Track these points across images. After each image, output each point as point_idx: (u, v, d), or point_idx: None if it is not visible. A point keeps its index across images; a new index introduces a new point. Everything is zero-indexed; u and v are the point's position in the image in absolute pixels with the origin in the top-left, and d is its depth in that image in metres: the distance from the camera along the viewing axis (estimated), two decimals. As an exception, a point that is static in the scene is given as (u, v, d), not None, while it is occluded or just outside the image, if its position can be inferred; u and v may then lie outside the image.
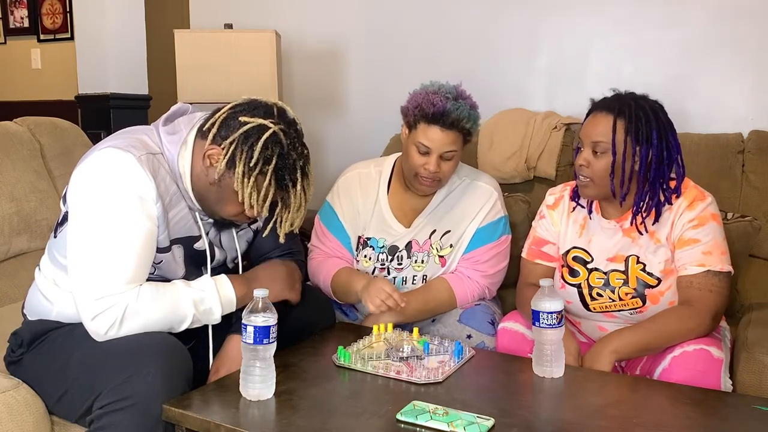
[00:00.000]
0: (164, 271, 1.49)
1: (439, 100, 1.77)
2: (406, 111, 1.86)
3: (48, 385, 1.42)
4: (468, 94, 1.85)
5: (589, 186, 1.66)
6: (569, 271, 1.76)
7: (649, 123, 1.60)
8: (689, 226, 1.62)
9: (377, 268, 1.97)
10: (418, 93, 1.84)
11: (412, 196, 1.97)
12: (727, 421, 1.31)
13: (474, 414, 1.22)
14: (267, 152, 1.37)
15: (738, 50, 2.50)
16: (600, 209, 1.75)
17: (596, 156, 1.62)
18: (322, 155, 3.25)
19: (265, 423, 1.25)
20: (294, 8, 3.33)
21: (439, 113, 1.76)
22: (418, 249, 1.95)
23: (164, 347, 1.33)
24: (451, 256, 1.95)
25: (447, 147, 1.80)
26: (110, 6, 3.20)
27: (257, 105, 1.44)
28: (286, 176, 1.40)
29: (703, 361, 1.50)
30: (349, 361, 1.47)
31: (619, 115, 1.60)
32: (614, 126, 1.60)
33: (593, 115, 1.66)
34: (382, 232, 1.98)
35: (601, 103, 1.67)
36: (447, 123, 1.77)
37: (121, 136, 1.45)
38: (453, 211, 1.95)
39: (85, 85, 3.27)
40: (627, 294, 1.67)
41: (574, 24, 2.76)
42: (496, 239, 1.94)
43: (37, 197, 2.19)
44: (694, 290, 1.59)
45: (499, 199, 1.98)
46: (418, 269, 1.95)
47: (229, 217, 1.48)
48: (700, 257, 1.60)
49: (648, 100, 1.65)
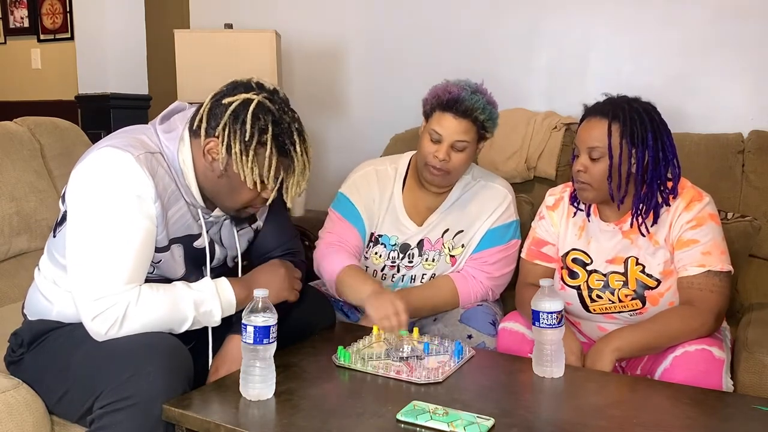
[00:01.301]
0: (164, 270, 1.49)
1: (455, 90, 1.82)
2: (425, 102, 1.90)
3: (48, 385, 1.42)
4: (489, 92, 1.87)
5: (587, 190, 1.66)
6: (569, 272, 1.76)
7: (643, 125, 1.60)
8: (687, 227, 1.62)
9: (387, 266, 1.97)
10: (438, 85, 1.88)
11: (426, 194, 1.98)
12: (727, 421, 1.31)
13: (474, 414, 1.22)
14: (260, 123, 1.38)
15: (738, 50, 2.50)
16: (598, 212, 1.75)
17: (593, 161, 1.63)
18: (323, 155, 3.25)
19: (265, 423, 1.25)
20: (294, 8, 3.33)
21: (453, 100, 1.80)
22: (429, 247, 1.95)
23: (165, 347, 1.33)
24: (462, 256, 1.95)
25: (458, 136, 1.81)
26: (110, 6, 3.19)
27: (236, 85, 1.44)
28: (285, 141, 1.40)
29: (704, 362, 1.50)
30: (349, 361, 1.47)
31: (614, 119, 1.61)
32: (609, 130, 1.60)
33: (587, 121, 1.66)
34: (395, 230, 1.98)
35: (594, 108, 1.67)
36: (460, 110, 1.80)
37: (120, 135, 1.45)
38: (466, 211, 1.96)
39: (85, 85, 3.27)
40: (627, 296, 1.67)
41: (574, 24, 2.76)
42: (505, 242, 1.95)
43: (37, 197, 2.19)
44: (695, 291, 1.59)
45: (513, 202, 1.99)
46: (428, 267, 1.95)
47: (245, 204, 1.47)
48: (699, 258, 1.60)
49: (641, 102, 1.65)
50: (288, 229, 1.76)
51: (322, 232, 2.04)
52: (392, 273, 1.96)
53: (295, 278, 1.63)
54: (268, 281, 1.52)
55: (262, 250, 1.70)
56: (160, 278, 1.48)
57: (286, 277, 1.59)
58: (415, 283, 1.95)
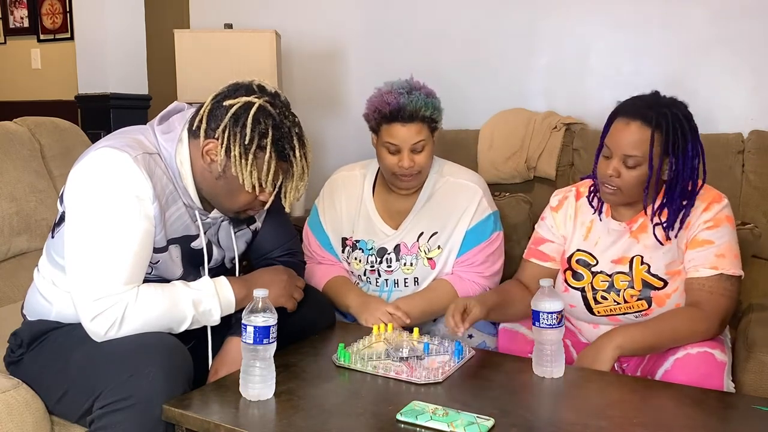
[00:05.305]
0: (161, 271, 1.48)
1: (392, 98, 1.81)
2: (367, 117, 1.90)
3: (48, 386, 1.42)
4: (422, 84, 1.87)
5: (616, 194, 1.61)
6: (573, 274, 1.74)
7: (684, 134, 1.55)
8: (704, 227, 1.59)
9: (368, 270, 1.97)
10: (373, 97, 1.87)
11: (396, 197, 1.98)
12: (727, 421, 1.32)
13: (474, 414, 1.22)
14: (260, 127, 1.38)
15: (738, 50, 2.50)
16: (611, 210, 1.71)
17: (627, 167, 1.57)
18: (322, 155, 3.24)
19: (265, 423, 1.25)
20: (294, 8, 3.33)
21: (396, 110, 1.80)
22: (406, 252, 1.95)
23: (165, 347, 1.33)
24: (441, 258, 1.94)
25: (413, 139, 1.82)
26: (110, 6, 3.19)
27: (237, 87, 1.44)
28: (285, 145, 1.40)
29: (706, 364, 1.48)
30: (349, 361, 1.47)
31: (657, 127, 1.53)
32: (652, 140, 1.53)
33: (626, 124, 1.56)
34: (371, 234, 1.98)
35: (635, 110, 1.57)
36: (406, 117, 1.80)
37: (118, 136, 1.45)
38: (438, 212, 1.95)
39: (85, 85, 3.27)
40: (632, 296, 1.64)
41: (574, 24, 2.76)
42: (487, 238, 1.93)
43: (37, 197, 2.19)
44: (705, 293, 1.55)
45: (485, 196, 1.96)
46: (407, 272, 1.95)
47: (243, 207, 1.47)
48: (713, 260, 1.57)
49: (680, 106, 1.59)
50: (287, 229, 1.75)
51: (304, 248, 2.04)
52: (374, 277, 1.97)
53: (296, 287, 1.62)
54: (267, 284, 1.51)
55: (262, 251, 1.70)
56: (158, 279, 1.47)
57: (287, 284, 1.58)
58: (399, 287, 1.95)
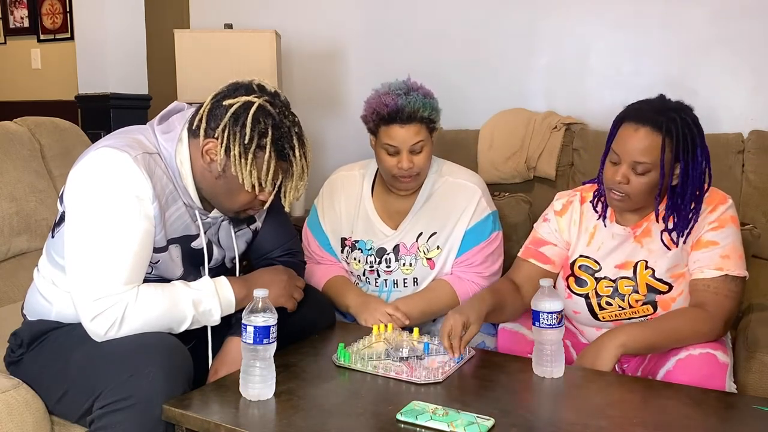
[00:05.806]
0: (161, 271, 1.48)
1: (390, 100, 1.80)
2: (365, 119, 1.89)
3: (48, 386, 1.42)
4: (419, 84, 1.87)
5: (624, 201, 1.59)
6: (576, 280, 1.72)
7: (693, 140, 1.54)
8: (709, 228, 1.58)
9: (367, 270, 1.97)
10: (371, 98, 1.87)
11: (395, 197, 1.97)
12: (727, 421, 1.32)
13: (474, 414, 1.22)
14: (260, 126, 1.38)
15: (738, 50, 2.50)
16: (615, 215, 1.70)
17: (637, 174, 1.55)
18: (322, 155, 3.24)
19: (265, 423, 1.25)
20: (294, 8, 3.33)
21: (394, 111, 1.80)
22: (405, 252, 1.95)
23: (165, 347, 1.33)
24: (440, 258, 1.94)
25: (412, 140, 1.82)
26: (110, 6, 3.19)
27: (237, 86, 1.44)
28: (285, 145, 1.40)
29: (708, 366, 1.47)
30: (349, 361, 1.47)
31: (668, 133, 1.52)
32: (663, 146, 1.51)
33: (635, 130, 1.54)
34: (370, 234, 1.98)
35: (642, 115, 1.55)
36: (404, 118, 1.80)
37: (117, 135, 1.45)
38: (437, 212, 1.94)
39: (85, 85, 3.27)
40: (637, 301, 1.63)
41: (574, 24, 2.76)
42: (486, 238, 1.93)
43: (37, 197, 2.19)
44: (710, 294, 1.54)
45: (484, 196, 1.96)
46: (406, 272, 1.95)
47: (243, 207, 1.47)
48: (718, 261, 1.56)
49: (688, 110, 1.58)
50: (287, 229, 1.75)
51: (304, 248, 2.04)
52: (374, 278, 1.97)
53: (296, 287, 1.62)
54: (267, 284, 1.51)
55: (262, 251, 1.70)
56: (158, 279, 1.47)
57: (287, 284, 1.58)
58: (398, 288, 1.95)
